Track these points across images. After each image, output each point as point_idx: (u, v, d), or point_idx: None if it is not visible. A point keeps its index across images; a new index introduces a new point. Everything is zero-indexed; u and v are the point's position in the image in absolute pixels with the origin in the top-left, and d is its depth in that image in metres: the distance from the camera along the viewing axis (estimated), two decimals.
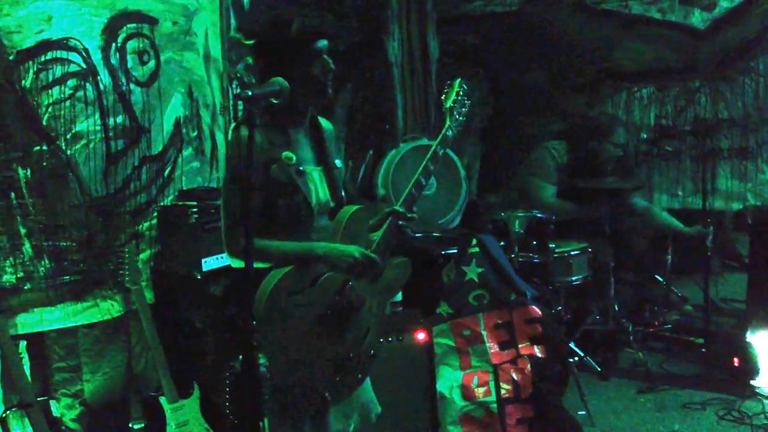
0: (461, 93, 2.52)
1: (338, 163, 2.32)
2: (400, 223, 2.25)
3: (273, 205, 2.12)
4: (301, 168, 2.13)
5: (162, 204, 3.44)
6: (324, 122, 2.33)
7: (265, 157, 2.09)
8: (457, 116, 2.48)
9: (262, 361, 1.67)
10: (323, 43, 2.14)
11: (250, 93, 1.86)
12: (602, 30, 4.92)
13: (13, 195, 2.91)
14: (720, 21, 4.63)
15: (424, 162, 2.35)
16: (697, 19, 4.70)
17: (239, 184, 2.05)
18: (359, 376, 2.24)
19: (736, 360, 3.80)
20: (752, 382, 3.70)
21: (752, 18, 4.54)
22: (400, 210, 2.25)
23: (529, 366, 3.29)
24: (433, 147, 2.38)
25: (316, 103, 2.22)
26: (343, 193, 2.27)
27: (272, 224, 2.12)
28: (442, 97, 2.53)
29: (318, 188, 2.20)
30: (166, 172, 3.49)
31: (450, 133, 2.44)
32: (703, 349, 4.17)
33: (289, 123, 2.18)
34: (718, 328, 4.32)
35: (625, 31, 4.85)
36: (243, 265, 1.97)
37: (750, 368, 3.73)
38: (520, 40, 5.19)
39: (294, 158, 2.10)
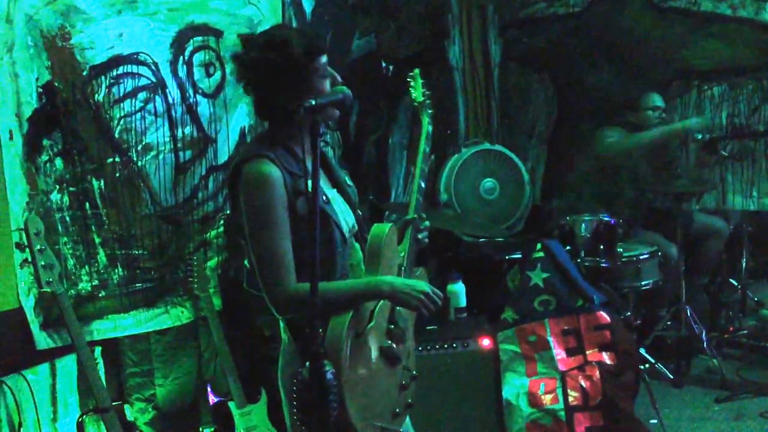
0: (424, 83, 2.47)
1: (348, 180, 2.22)
2: (419, 234, 2.19)
3: (303, 243, 1.94)
4: (325, 195, 2.01)
5: (228, 212, 3.52)
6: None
7: (289, 192, 1.94)
8: (428, 109, 2.43)
9: (328, 368, 1.66)
10: (325, 58, 2.03)
11: (313, 102, 1.79)
12: (671, 28, 4.80)
13: (88, 205, 3.01)
14: None
15: (418, 166, 2.28)
16: None
17: (279, 227, 1.91)
18: (409, 400, 2.15)
19: None
20: None
21: None
22: (417, 219, 2.18)
23: (598, 373, 3.22)
24: (421, 147, 2.32)
25: (327, 120, 2.04)
26: (359, 213, 2.17)
27: (305, 263, 1.92)
28: (411, 92, 2.47)
29: (344, 213, 2.10)
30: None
31: (431, 128, 2.38)
32: None
33: (303, 147, 1.97)
34: None
35: (694, 28, 4.72)
36: (297, 317, 1.94)
37: None
38: (584, 42, 5.11)
39: (310, 186, 1.89)
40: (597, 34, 5.07)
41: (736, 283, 4.47)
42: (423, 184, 2.26)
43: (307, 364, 1.68)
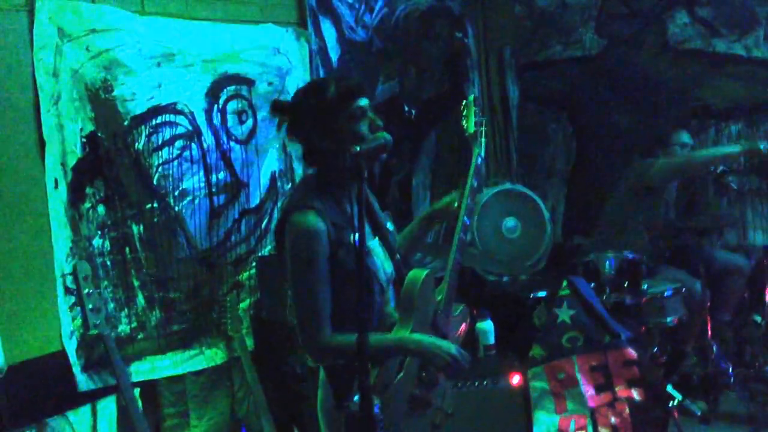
0: (478, 112, 2.38)
1: (390, 225, 2.23)
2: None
3: (342, 293, 1.99)
4: (367, 246, 2.02)
5: (260, 254, 3.60)
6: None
7: (333, 243, 1.98)
8: (481, 139, 2.35)
9: (376, 402, 1.72)
10: (364, 101, 2.05)
11: (358, 149, 1.84)
12: (687, 69, 4.90)
13: (128, 250, 3.11)
14: None
15: (464, 202, 2.22)
16: None
17: (320, 280, 1.95)
18: None
19: None
20: None
21: None
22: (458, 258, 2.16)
23: (627, 409, 3.25)
24: (468, 182, 2.24)
25: (372, 166, 2.07)
26: (398, 257, 2.18)
27: (344, 313, 1.99)
28: (462, 123, 2.37)
29: (384, 262, 2.11)
30: (264, 224, 3.67)
31: (480, 160, 2.30)
32: None
33: (344, 195, 2.06)
34: None
35: (711, 69, 4.82)
36: (334, 362, 1.98)
37: None
38: (601, 83, 5.22)
39: (352, 236, 1.94)
40: (614, 75, 5.17)
41: (760, 319, 4.48)
42: (468, 221, 2.22)
43: (356, 398, 1.73)
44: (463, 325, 2.31)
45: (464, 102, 2.41)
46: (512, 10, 5.41)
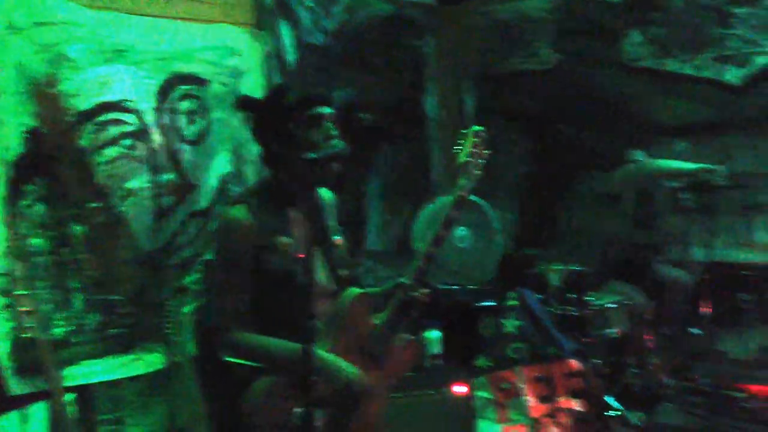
0: (478, 143, 2.28)
1: (338, 237, 2.20)
2: (409, 296, 2.09)
3: (267, 297, 2.00)
4: (299, 253, 1.96)
5: (207, 258, 3.55)
6: (325, 193, 2.21)
7: (256, 243, 1.97)
8: (472, 171, 2.25)
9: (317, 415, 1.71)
10: (324, 110, 2.03)
11: (312, 156, 1.87)
12: (640, 87, 4.99)
13: (67, 250, 3.03)
14: (755, 77, 4.68)
15: (434, 231, 2.17)
16: (734, 75, 4.75)
17: (234, 274, 1.95)
18: None
19: None
20: None
21: None
22: (408, 283, 2.11)
23: (569, 420, 3.29)
24: (445, 212, 2.19)
25: (318, 178, 2.06)
26: (347, 271, 2.16)
27: (267, 317, 2.01)
28: (455, 150, 2.29)
29: (318, 272, 2.09)
30: (211, 227, 3.61)
31: (461, 193, 2.21)
32: (745, 404, 4.10)
33: (285, 201, 2.05)
34: (760, 382, 4.25)
35: (662, 87, 4.92)
36: (243, 362, 1.98)
37: None
38: (558, 97, 5.29)
39: (290, 243, 1.98)
40: (569, 90, 5.24)
41: (700, 332, 4.58)
42: (433, 250, 2.14)
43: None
44: (408, 356, 2.23)
45: (465, 131, 2.33)
46: (472, 21, 5.45)
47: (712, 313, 4.48)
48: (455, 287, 4.30)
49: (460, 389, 3.27)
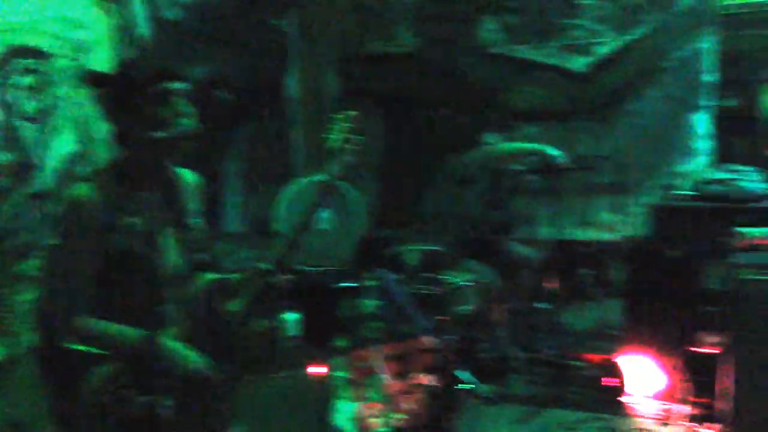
0: (351, 129, 2.28)
1: (196, 221, 2.14)
2: (268, 283, 2.06)
3: (114, 281, 1.93)
4: (151, 234, 1.95)
5: (51, 243, 3.36)
6: (187, 174, 2.14)
7: (103, 222, 1.90)
8: (343, 157, 2.25)
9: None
10: (175, 85, 1.95)
11: (159, 134, 1.80)
12: (494, 72, 5.19)
13: None
14: (597, 65, 4.99)
15: (298, 218, 2.17)
16: (578, 63, 5.04)
17: (81, 255, 1.88)
18: None
19: (608, 381, 4.09)
20: (622, 400, 3.99)
21: (626, 64, 4.91)
22: (268, 269, 2.08)
23: (423, 395, 3.41)
24: (311, 198, 2.19)
25: (169, 157, 2.01)
26: (202, 255, 2.11)
27: (114, 302, 1.94)
28: (325, 134, 2.27)
29: (171, 256, 2.03)
30: (53, 210, 3.43)
31: (328, 178, 2.20)
32: (585, 372, 4.42)
33: (135, 181, 1.97)
34: (597, 351, 4.59)
35: (514, 73, 5.14)
36: (86, 349, 1.90)
37: (619, 388, 4.03)
38: (418, 81, 5.40)
39: (140, 223, 1.94)
40: (429, 73, 5.37)
41: (546, 307, 4.88)
42: (298, 237, 2.13)
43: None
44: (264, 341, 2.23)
45: (339, 114, 2.29)
46: (335, 2, 5.45)
47: (558, 289, 4.78)
48: (315, 269, 4.31)
49: (317, 370, 3.31)
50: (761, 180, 4.04)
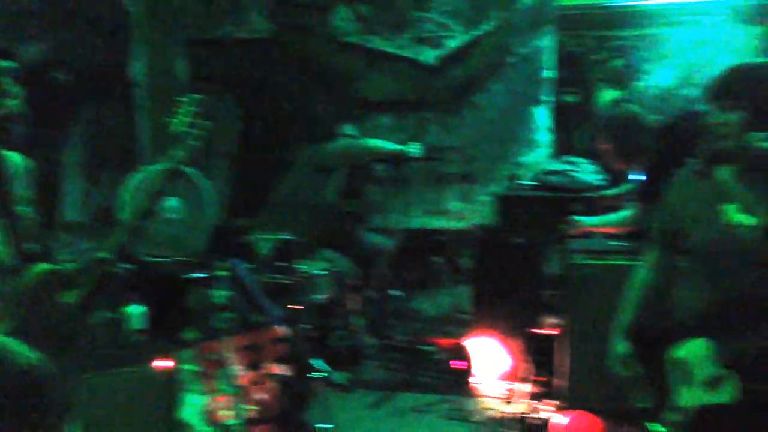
0: (197, 113, 2.24)
1: (26, 209, 2.04)
2: (107, 273, 2.01)
3: None
4: None
5: None
6: (15, 158, 2.02)
7: None
8: (189, 142, 2.22)
9: None
10: (2, 64, 1.86)
11: None
12: (349, 62, 5.22)
13: None
14: (447, 59, 5.14)
15: (140, 203, 2.14)
16: (429, 56, 5.17)
17: None
18: None
19: (457, 364, 4.26)
20: (470, 382, 4.18)
21: (473, 58, 5.10)
22: (107, 258, 2.02)
23: (275, 385, 3.38)
24: (155, 184, 2.17)
25: (11, 135, 1.91)
26: (35, 245, 2.00)
27: None
28: (169, 118, 2.23)
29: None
30: None
31: (174, 164, 2.18)
32: (436, 356, 4.57)
33: None
34: (448, 335, 4.76)
35: (368, 64, 5.20)
36: None
37: (467, 370, 4.22)
38: (270, 66, 5.32)
39: None
40: (282, 61, 5.31)
41: (399, 294, 4.99)
42: (137, 223, 2.09)
43: None
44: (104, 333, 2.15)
45: (184, 98, 2.23)
46: None
47: (410, 276, 4.91)
48: (163, 259, 4.16)
49: (163, 364, 3.19)
50: (595, 171, 4.33)
